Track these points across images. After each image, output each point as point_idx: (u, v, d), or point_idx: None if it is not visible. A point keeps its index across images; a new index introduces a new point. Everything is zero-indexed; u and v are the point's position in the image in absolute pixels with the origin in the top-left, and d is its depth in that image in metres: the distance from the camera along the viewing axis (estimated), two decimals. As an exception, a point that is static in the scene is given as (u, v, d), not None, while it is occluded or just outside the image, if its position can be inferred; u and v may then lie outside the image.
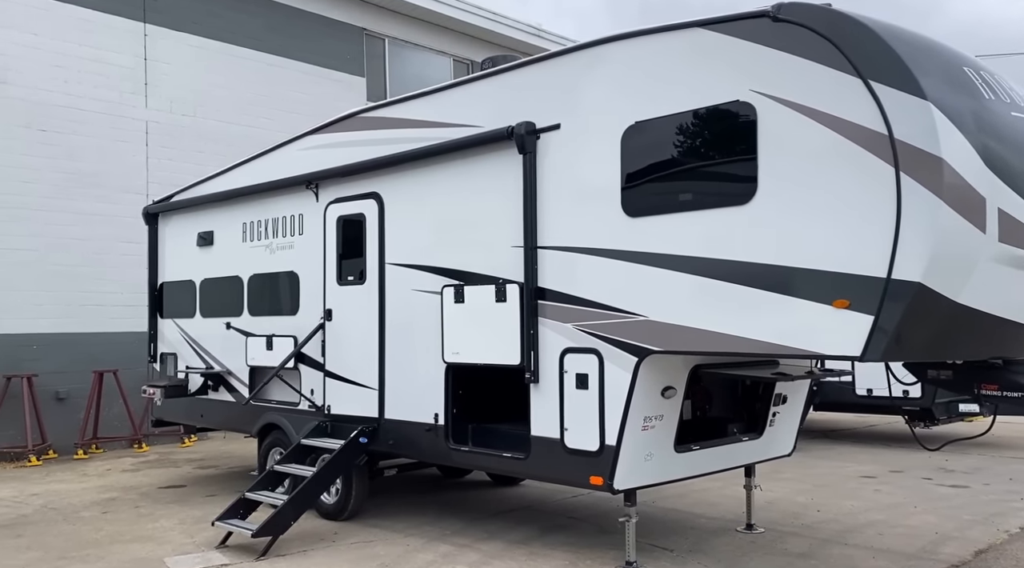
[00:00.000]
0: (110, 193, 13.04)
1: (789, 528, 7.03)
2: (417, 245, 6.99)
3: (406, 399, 7.04)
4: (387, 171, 7.25)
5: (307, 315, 8.02)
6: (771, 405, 6.64)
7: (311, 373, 7.94)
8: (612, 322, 5.53)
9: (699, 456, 6.10)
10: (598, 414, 5.61)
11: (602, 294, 5.60)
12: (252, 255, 8.72)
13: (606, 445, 5.57)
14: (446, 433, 6.68)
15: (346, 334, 7.59)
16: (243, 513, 7.08)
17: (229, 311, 9.00)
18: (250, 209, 8.77)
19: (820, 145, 4.58)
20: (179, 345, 9.77)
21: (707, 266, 5.04)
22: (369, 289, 7.39)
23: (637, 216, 5.41)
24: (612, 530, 7.03)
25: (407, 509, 8.01)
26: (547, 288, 5.96)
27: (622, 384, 5.47)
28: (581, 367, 5.72)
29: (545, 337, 5.96)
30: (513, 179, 6.14)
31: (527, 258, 6.02)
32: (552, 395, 5.91)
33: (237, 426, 9.05)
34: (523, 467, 6.16)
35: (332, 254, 7.75)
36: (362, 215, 7.48)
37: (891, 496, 8.27)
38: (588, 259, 5.69)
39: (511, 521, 7.44)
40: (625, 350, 5.45)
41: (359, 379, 7.45)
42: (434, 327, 6.73)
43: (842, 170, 4.50)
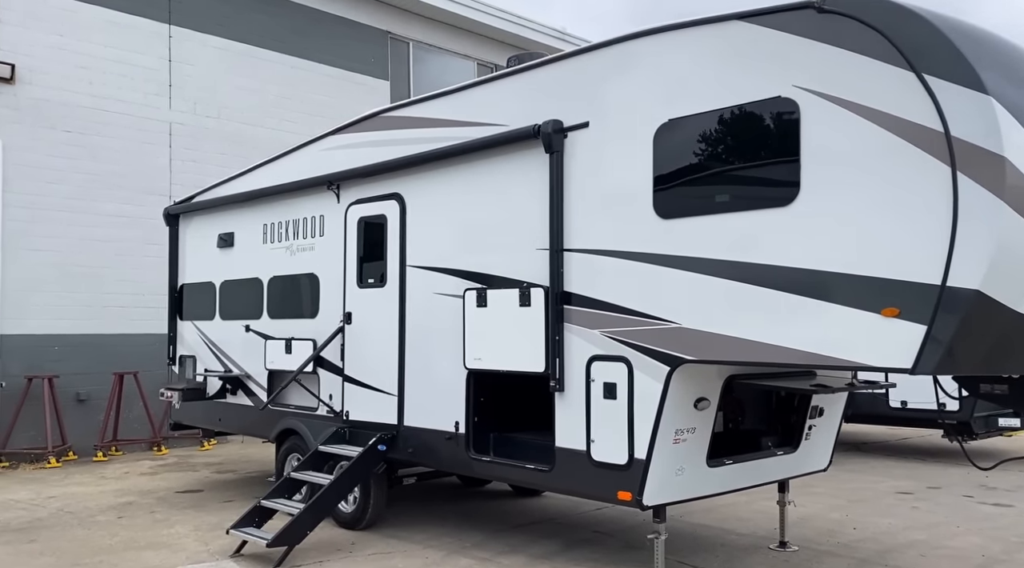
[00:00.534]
0: (133, 195, 12.99)
1: (825, 547, 6.71)
2: (439, 247, 6.78)
3: (426, 406, 6.82)
4: (409, 171, 7.05)
5: (327, 318, 7.84)
6: (807, 418, 6.35)
7: (330, 378, 7.75)
8: (642, 329, 5.28)
9: (732, 471, 5.82)
10: (627, 426, 5.35)
11: (632, 299, 5.35)
12: (272, 257, 8.57)
13: (635, 458, 5.31)
14: (467, 442, 6.45)
15: (366, 338, 7.40)
16: (259, 521, 6.90)
17: (248, 314, 8.85)
18: (271, 210, 8.61)
19: (869, 143, 4.31)
20: (198, 347, 9.64)
21: (744, 271, 4.77)
22: (390, 292, 7.19)
23: (670, 218, 5.16)
24: (639, 545, 6.76)
25: (426, 519, 7.79)
26: (573, 292, 5.72)
27: (653, 394, 5.21)
28: (609, 376, 5.47)
29: (571, 344, 5.72)
30: (539, 179, 5.92)
31: (553, 261, 5.78)
32: (578, 405, 5.66)
33: (255, 431, 8.89)
34: (547, 480, 5.91)
35: (353, 256, 7.56)
36: (383, 216, 7.28)
37: (931, 514, 7.92)
38: (617, 262, 5.45)
39: (533, 534, 7.19)
40: (656, 359, 5.20)
41: (378, 385, 7.25)
42: (455, 332, 6.51)
43: (893, 170, 4.22)
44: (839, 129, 4.42)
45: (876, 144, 4.28)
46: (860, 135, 4.33)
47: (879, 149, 4.27)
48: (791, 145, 4.59)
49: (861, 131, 4.33)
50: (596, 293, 5.58)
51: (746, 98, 4.81)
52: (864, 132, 4.32)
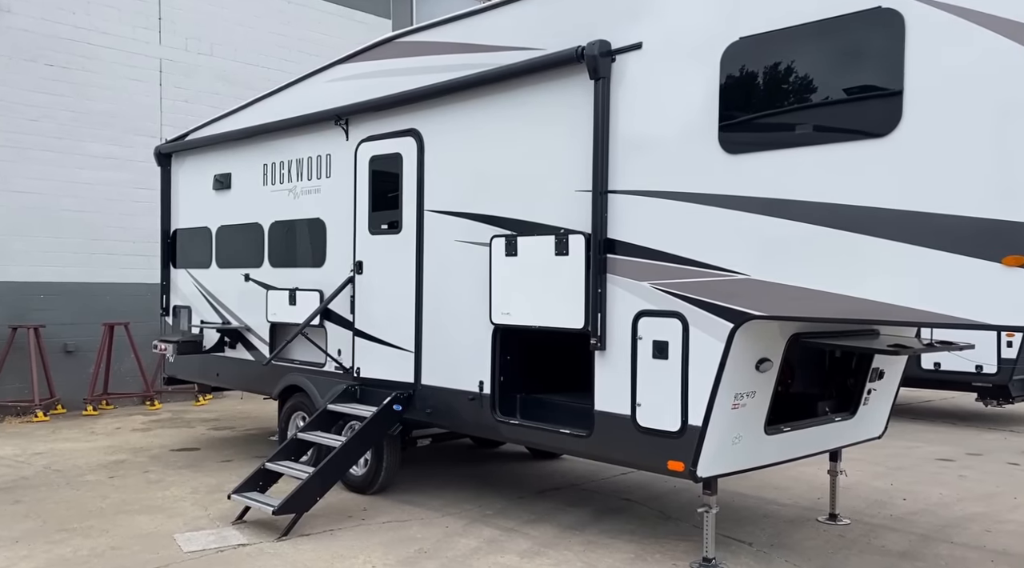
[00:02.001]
0: (121, 135, 12.22)
1: (878, 520, 6.20)
2: (462, 189, 6.11)
3: (446, 364, 6.22)
4: (428, 104, 6.34)
5: (334, 267, 7.19)
6: (867, 381, 5.78)
7: (339, 331, 7.13)
8: (701, 281, 4.66)
9: (790, 438, 5.27)
10: (680, 389, 4.76)
11: (689, 247, 4.72)
12: (274, 200, 7.88)
13: (689, 425, 4.73)
14: (492, 403, 5.87)
15: (378, 289, 6.77)
16: (262, 485, 6.34)
17: (248, 261, 8.20)
18: (272, 149, 7.90)
19: (991, 59, 3.64)
20: (193, 298, 9.00)
21: (830, 213, 4.14)
22: (405, 239, 6.54)
23: (738, 153, 4.50)
24: (675, 516, 6.24)
25: (442, 483, 7.25)
26: (619, 240, 5.08)
27: (712, 354, 4.61)
28: (660, 333, 4.86)
29: (615, 297, 5.10)
30: (582, 110, 5.23)
31: (596, 204, 5.13)
32: (622, 365, 5.06)
33: (256, 387, 8.30)
34: (584, 446, 5.34)
35: (364, 199, 6.89)
36: (398, 155, 6.59)
37: (980, 483, 7.42)
38: (672, 205, 4.80)
39: (559, 501, 6.67)
40: (718, 314, 4.58)
41: (393, 340, 6.64)
42: (480, 283, 5.89)
43: (1021, 90, 3.56)
44: (953, 42, 3.75)
45: (999, 59, 3.62)
46: (979, 49, 3.67)
47: (1003, 65, 3.61)
48: (893, 63, 3.91)
49: (981, 43, 3.66)
50: (646, 240, 4.94)
51: (836, 10, 4.12)
52: (984, 45, 3.65)
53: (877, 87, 3.98)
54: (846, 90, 4.09)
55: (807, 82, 4.24)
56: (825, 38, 4.16)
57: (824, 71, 4.17)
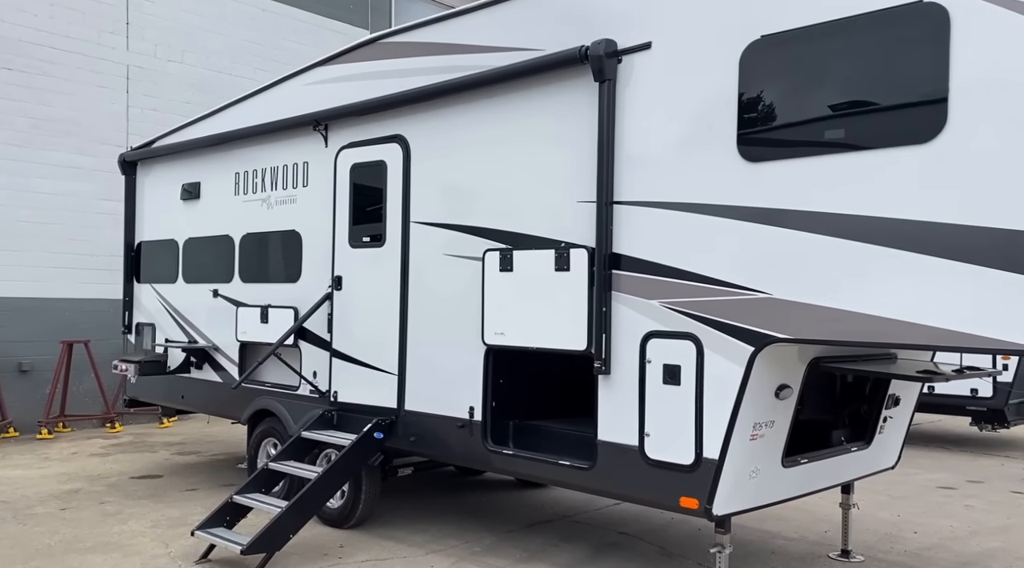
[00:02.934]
0: (85, 144, 11.66)
1: (893, 556, 5.83)
2: (452, 200, 5.69)
3: (433, 388, 5.76)
4: (415, 108, 5.93)
5: (311, 283, 6.72)
6: (883, 407, 5.42)
7: (315, 352, 6.65)
8: (718, 300, 4.27)
9: (808, 471, 4.88)
10: (694, 418, 4.35)
11: (705, 263, 4.33)
12: (246, 211, 7.40)
13: (704, 458, 4.32)
14: (484, 431, 5.42)
15: (359, 306, 6.30)
16: (230, 520, 5.81)
17: (217, 276, 7.69)
18: (244, 157, 7.43)
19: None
20: (158, 314, 8.45)
21: (863, 227, 3.77)
22: (389, 253, 6.09)
23: (759, 161, 4.13)
24: (677, 552, 5.82)
25: (424, 515, 6.76)
26: (625, 255, 4.68)
27: (730, 380, 4.21)
28: (671, 356, 4.46)
29: (621, 316, 4.69)
30: (585, 115, 4.85)
31: (600, 216, 4.73)
32: (628, 391, 4.65)
33: (223, 411, 7.76)
34: (586, 479, 4.90)
35: (344, 210, 6.43)
36: (382, 163, 6.16)
37: (989, 514, 7.09)
38: (685, 218, 4.41)
39: (551, 536, 6.21)
40: (737, 337, 4.19)
41: (374, 361, 6.16)
42: (471, 301, 5.46)
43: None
44: (1004, 38, 3.42)
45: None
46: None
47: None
48: (937, 63, 3.57)
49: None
50: (655, 255, 4.55)
51: (870, 4, 3.78)
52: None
53: (918, 89, 3.63)
54: (882, 92, 3.74)
55: (837, 84, 3.88)
56: (858, 35, 3.81)
57: (857, 72, 3.82)
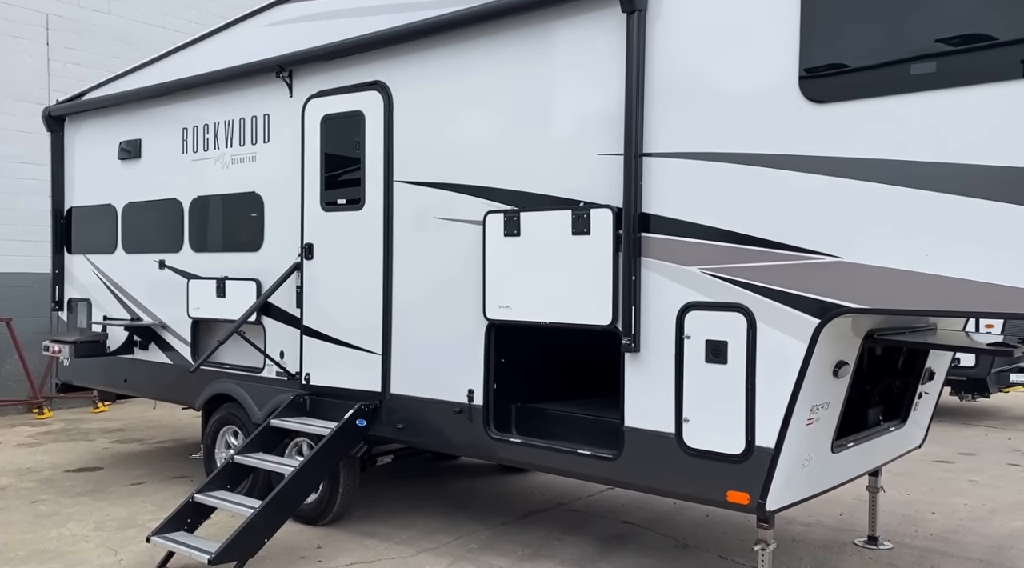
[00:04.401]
0: (0, 101, 10.48)
1: (920, 541, 5.44)
2: (444, 155, 4.99)
3: (425, 369, 5.10)
4: (399, 50, 5.19)
5: (275, 251, 5.95)
6: (919, 382, 4.99)
7: (282, 329, 5.90)
8: (775, 265, 3.71)
9: (853, 455, 4.41)
10: (744, 401, 3.81)
11: (758, 223, 3.76)
12: (196, 171, 6.55)
13: (757, 447, 3.79)
14: (485, 417, 4.79)
15: (334, 278, 5.57)
16: (191, 523, 5.08)
17: (163, 245, 6.83)
18: (194, 109, 6.56)
19: None
20: (94, 289, 7.53)
21: (956, 177, 3.25)
22: (369, 217, 5.38)
23: (827, 101, 3.57)
24: (692, 543, 5.32)
25: (405, 508, 6.13)
26: (658, 215, 4.08)
27: (790, 357, 3.67)
28: (716, 331, 3.90)
29: (653, 286, 4.10)
30: (609, 53, 4.21)
31: (628, 171, 4.12)
32: (662, 371, 4.08)
33: (174, 395, 6.94)
34: (610, 471, 4.32)
35: (314, 169, 5.67)
36: (359, 114, 5.41)
37: (998, 490, 6.80)
38: (733, 170, 3.83)
39: (550, 528, 5.65)
40: (799, 307, 3.65)
41: (353, 340, 5.46)
42: (469, 271, 4.81)
43: None
44: None
45: None
46: None
47: None
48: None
49: None
50: (695, 215, 3.96)
51: (971, -81, 3.23)
52: None
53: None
54: (984, 13, 3.20)
55: (924, 5, 3.33)
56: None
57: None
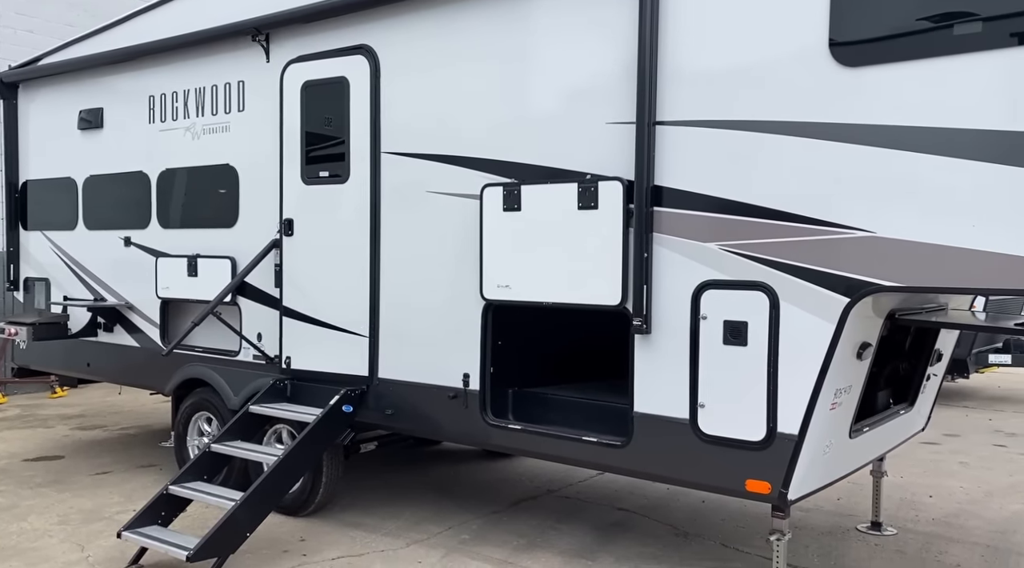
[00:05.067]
0: (-53, 68, 9.87)
1: (923, 526, 5.32)
2: (436, 124, 4.69)
3: (415, 352, 4.82)
4: (386, 10, 4.86)
5: (251, 228, 5.60)
6: (928, 364, 4.84)
7: (259, 310, 5.57)
8: (802, 241, 3.49)
9: (868, 440, 4.24)
10: (766, 384, 3.60)
11: (782, 196, 3.54)
12: (164, 142, 6.15)
13: (779, 433, 3.59)
14: (482, 403, 4.53)
15: (316, 256, 5.25)
16: (164, 516, 4.75)
17: (128, 221, 6.43)
18: (161, 76, 6.15)
19: None
20: (53, 268, 7.10)
21: (1010, 146, 3.05)
22: (354, 190, 5.06)
23: (860, 65, 3.34)
24: (692, 531, 5.15)
25: (390, 496, 5.86)
26: (672, 188, 3.84)
27: (816, 339, 3.47)
28: (735, 311, 3.68)
29: (667, 264, 3.87)
30: (618, 12, 3.94)
31: (641, 140, 3.86)
32: (675, 353, 3.85)
33: (142, 380, 6.56)
34: (618, 459, 4.10)
35: (294, 139, 5.32)
36: (343, 80, 5.08)
37: (988, 472, 6.75)
38: (756, 140, 3.60)
39: (543, 516, 5.43)
40: (827, 285, 3.44)
41: (337, 321, 5.16)
42: (465, 248, 4.53)
43: None
44: None
45: None
46: None
47: None
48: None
49: None
50: (714, 188, 3.72)
51: None
52: None
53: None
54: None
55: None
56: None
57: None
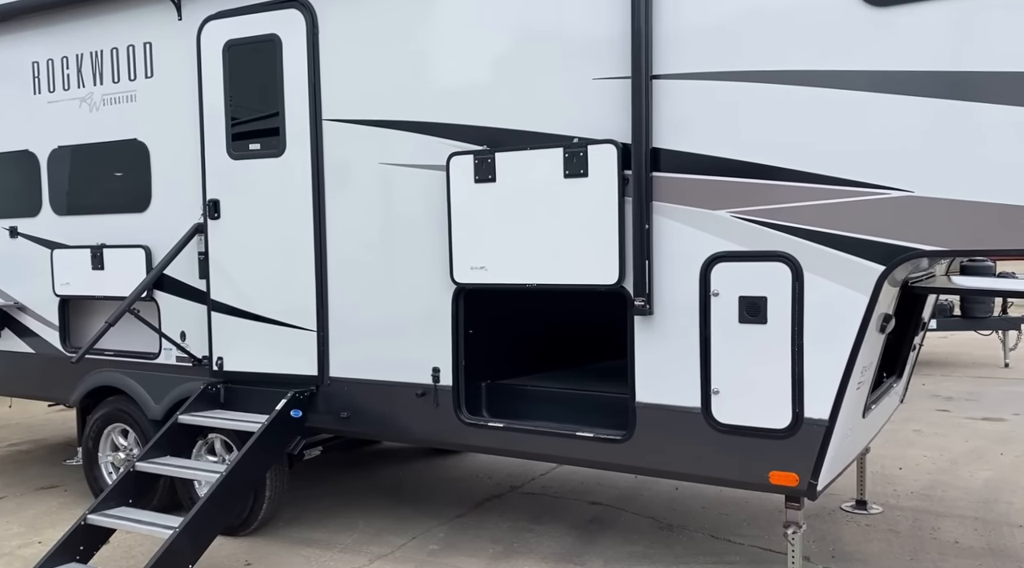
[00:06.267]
0: None
1: (906, 501, 5.16)
2: (389, 86, 4.12)
3: (373, 347, 4.26)
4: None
5: (167, 211, 4.89)
6: (915, 334, 4.64)
7: (181, 305, 4.87)
8: (828, 204, 3.14)
9: (872, 419, 3.99)
10: (790, 365, 3.25)
11: (805, 154, 3.18)
12: (54, 115, 5.32)
13: (807, 419, 3.25)
14: (456, 399, 4.03)
15: (249, 241, 4.60)
16: (84, 551, 4.05)
17: (13, 209, 5.58)
18: (46, 38, 5.31)
19: None
20: (-78, 266, 6.12)
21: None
22: (293, 165, 4.43)
23: (890, 4, 3.00)
24: (676, 523, 4.84)
25: (339, 506, 5.29)
26: (674, 150, 3.43)
27: (847, 313, 3.13)
28: (751, 285, 3.31)
29: (670, 235, 3.46)
30: (609, -45, 3.48)
31: (638, 97, 3.43)
32: (684, 335, 3.46)
33: (40, 390, 5.71)
34: (618, 455, 3.68)
35: (216, 108, 4.63)
36: (274, 39, 4.43)
37: (947, 438, 6.72)
38: (772, 92, 3.22)
39: (514, 517, 4.98)
40: (858, 253, 3.10)
41: (277, 315, 4.53)
42: (430, 226, 4.01)
43: None
44: None
45: None
46: None
47: None
48: None
49: None
50: (723, 148, 3.33)
51: None
52: None
53: None
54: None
55: None
56: None
57: None
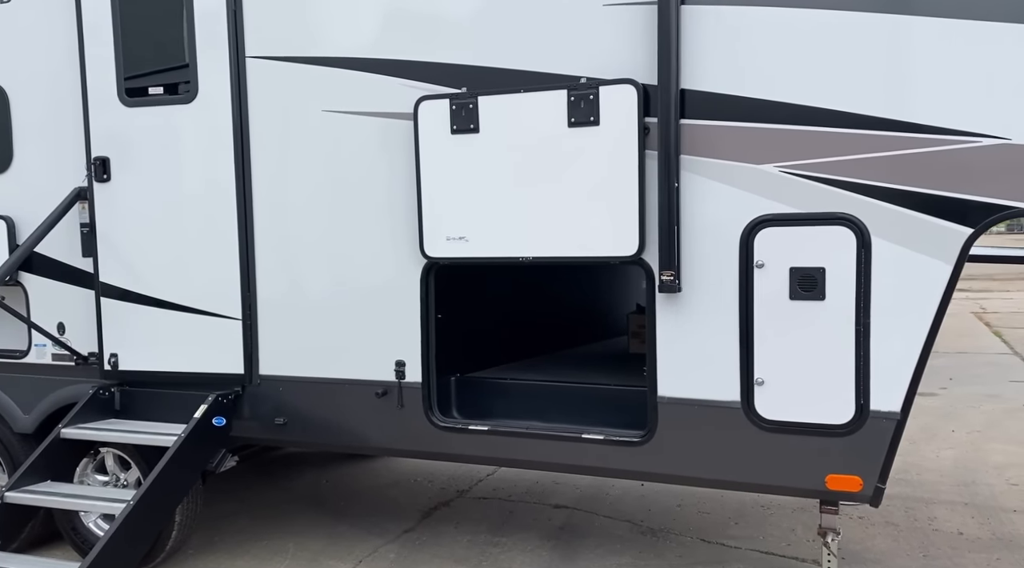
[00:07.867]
0: None
1: (889, 489, 4.71)
2: (336, 13, 3.33)
3: (317, 336, 3.47)
4: None
5: (35, 172, 3.90)
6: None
7: (59, 290, 3.89)
8: (902, 154, 2.63)
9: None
10: (854, 350, 2.73)
11: (874, 96, 2.65)
12: None
13: (873, 412, 2.75)
14: (426, 398, 3.31)
15: (150, 208, 3.68)
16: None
17: None
18: None
19: None
20: None
21: None
22: (207, 112, 3.55)
23: (988, -80, 2.52)
24: (657, 526, 4.35)
25: (260, 524, 4.47)
26: (709, 91, 2.84)
27: (926, 284, 2.64)
28: (805, 254, 2.77)
29: (702, 195, 2.87)
30: None
31: (665, 25, 2.81)
32: (720, 314, 2.88)
33: None
34: (637, 461, 3.06)
35: (103, 42, 3.67)
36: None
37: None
38: (830, 18, 2.68)
39: (472, 528, 4.31)
40: (940, 214, 2.61)
41: (189, 300, 3.65)
42: (391, 188, 3.26)
43: None
44: None
45: None
46: None
47: None
48: None
49: None
50: (770, 89, 2.77)
51: None
52: None
53: None
54: None
55: None
56: None
57: None
